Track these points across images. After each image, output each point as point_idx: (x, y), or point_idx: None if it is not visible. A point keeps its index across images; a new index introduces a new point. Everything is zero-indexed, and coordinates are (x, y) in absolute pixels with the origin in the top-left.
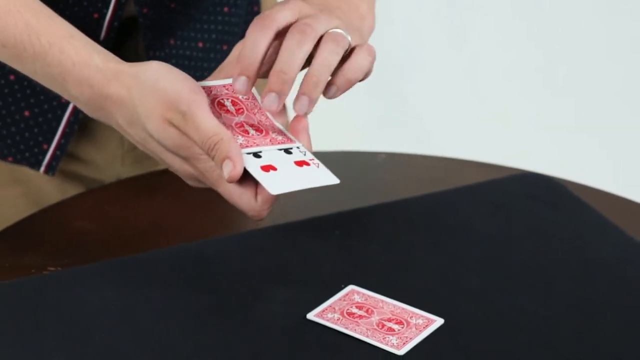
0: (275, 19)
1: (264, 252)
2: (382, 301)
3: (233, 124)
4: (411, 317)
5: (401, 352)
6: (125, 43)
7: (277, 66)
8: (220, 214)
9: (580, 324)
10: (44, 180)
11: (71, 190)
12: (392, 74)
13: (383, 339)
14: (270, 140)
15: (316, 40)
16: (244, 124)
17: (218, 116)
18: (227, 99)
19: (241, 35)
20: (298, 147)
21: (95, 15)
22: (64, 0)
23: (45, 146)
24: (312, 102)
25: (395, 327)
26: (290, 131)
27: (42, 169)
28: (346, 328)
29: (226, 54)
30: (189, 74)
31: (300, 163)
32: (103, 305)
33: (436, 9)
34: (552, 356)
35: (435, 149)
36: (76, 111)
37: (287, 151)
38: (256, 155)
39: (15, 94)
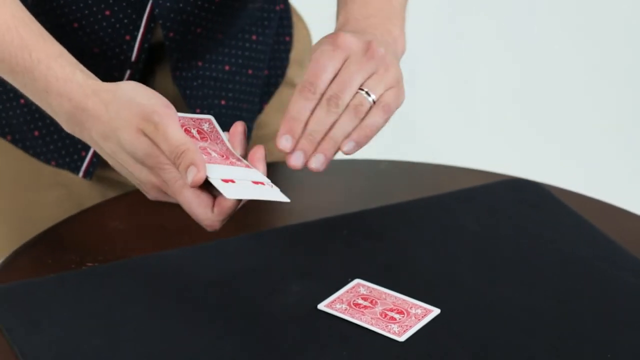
0: (318, 87)
1: (279, 249)
2: (385, 293)
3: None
4: (411, 308)
5: (402, 338)
6: (158, 64)
7: (307, 130)
8: (240, 215)
9: (560, 312)
10: (85, 184)
11: (110, 193)
12: None
13: (386, 327)
14: (230, 163)
15: (340, 112)
16: (207, 148)
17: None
18: (194, 128)
19: (267, 61)
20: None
21: (127, 37)
22: (99, 22)
23: (83, 153)
24: (327, 160)
25: (397, 316)
26: (249, 159)
27: (81, 173)
28: (353, 317)
29: (251, 77)
30: (215, 94)
31: (256, 182)
32: (134, 296)
33: (436, 21)
34: (535, 341)
35: (433, 157)
36: None
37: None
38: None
39: None
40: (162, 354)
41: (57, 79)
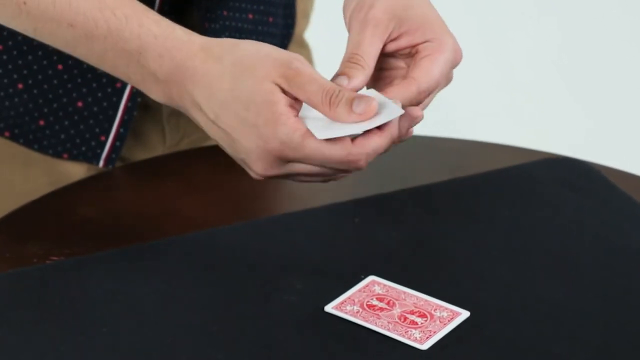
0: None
1: (279, 240)
2: (405, 293)
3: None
4: (435, 310)
5: (424, 346)
6: (181, 17)
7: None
8: (234, 200)
9: (609, 314)
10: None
11: None
12: None
13: (405, 332)
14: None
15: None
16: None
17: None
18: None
19: (283, 6)
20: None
21: None
22: None
23: (102, 137)
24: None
25: (419, 320)
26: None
27: (102, 162)
28: (366, 321)
29: (271, 27)
30: None
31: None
32: (108, 296)
33: None
34: (579, 347)
35: (461, 133)
36: (133, 97)
37: None
38: None
39: (66, 84)
40: None
41: (156, 36)
